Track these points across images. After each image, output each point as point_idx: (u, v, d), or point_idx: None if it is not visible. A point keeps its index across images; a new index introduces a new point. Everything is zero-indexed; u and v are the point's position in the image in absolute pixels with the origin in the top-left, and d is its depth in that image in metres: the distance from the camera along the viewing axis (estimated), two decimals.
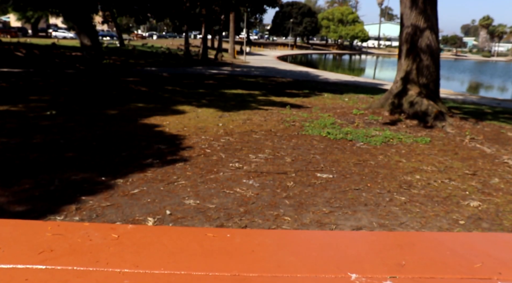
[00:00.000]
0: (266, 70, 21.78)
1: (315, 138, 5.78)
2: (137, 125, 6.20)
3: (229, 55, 31.52)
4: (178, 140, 5.32)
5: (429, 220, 3.19)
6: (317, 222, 3.05)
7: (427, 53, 7.61)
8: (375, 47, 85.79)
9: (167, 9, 14.78)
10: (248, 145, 5.23)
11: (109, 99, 8.89)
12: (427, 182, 4.07)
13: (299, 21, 64.42)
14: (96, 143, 4.96)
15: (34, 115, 6.57)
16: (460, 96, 14.15)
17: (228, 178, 3.90)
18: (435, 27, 7.65)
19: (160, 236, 1.57)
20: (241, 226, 2.94)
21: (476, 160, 5.01)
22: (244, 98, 10.15)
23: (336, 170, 4.34)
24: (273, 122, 6.88)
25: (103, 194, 3.39)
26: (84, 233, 1.52)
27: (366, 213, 3.26)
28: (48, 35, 40.99)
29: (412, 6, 7.53)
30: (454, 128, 6.72)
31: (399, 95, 7.88)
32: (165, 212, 3.10)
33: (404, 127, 6.91)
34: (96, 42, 10.77)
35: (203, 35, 26.23)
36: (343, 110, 8.40)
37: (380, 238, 1.85)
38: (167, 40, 50.01)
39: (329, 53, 66.78)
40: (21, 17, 34.08)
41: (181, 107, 8.15)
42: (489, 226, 3.15)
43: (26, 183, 3.54)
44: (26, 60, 17.49)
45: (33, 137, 5.12)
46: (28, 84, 10.77)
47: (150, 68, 19.15)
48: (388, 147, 5.48)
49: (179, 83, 12.99)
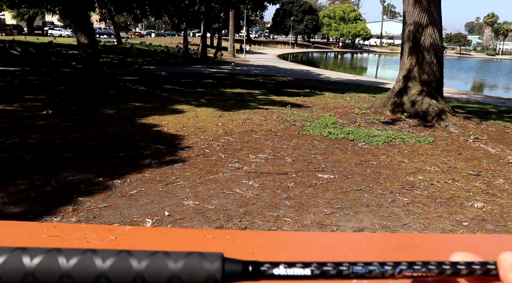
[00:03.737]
0: (266, 69, 21.72)
1: (316, 138, 5.72)
2: (135, 125, 6.14)
3: (229, 53, 31.44)
4: (176, 140, 5.26)
5: (432, 222, 3.13)
6: (318, 224, 3.00)
7: (430, 51, 7.54)
8: (377, 45, 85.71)
9: (166, 6, 14.69)
10: (248, 145, 5.17)
11: (107, 98, 8.82)
12: (430, 183, 4.02)
13: (300, 19, 64.29)
14: (93, 143, 4.89)
15: (30, 115, 6.50)
16: (464, 95, 14.11)
17: (227, 179, 3.85)
18: (438, 25, 7.58)
19: (158, 237, 1.54)
20: (241, 227, 2.88)
21: (480, 160, 4.96)
22: (244, 97, 10.08)
23: (338, 170, 4.28)
24: (273, 122, 6.82)
25: (100, 195, 3.33)
26: (81, 234, 1.49)
27: (368, 214, 3.21)
28: (44, 33, 40.82)
29: (415, 3, 7.46)
30: (457, 128, 6.66)
31: (401, 94, 7.81)
32: (164, 213, 3.05)
33: (407, 126, 6.85)
34: (93, 40, 10.68)
35: (202, 33, 26.13)
36: (345, 110, 8.34)
37: (382, 239, 1.81)
38: (166, 38, 49.90)
39: (330, 52, 66.74)
40: (17, 14, 33.90)
41: (179, 106, 8.08)
42: (494, 228, 3.09)
43: (22, 183, 3.48)
44: (21, 59, 17.39)
45: (29, 137, 5.05)
46: (23, 83, 10.69)
47: (148, 66, 19.08)
48: (391, 147, 5.43)
49: (177, 82, 12.92)
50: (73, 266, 0.27)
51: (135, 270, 0.27)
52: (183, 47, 30.35)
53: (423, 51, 7.57)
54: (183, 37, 30.45)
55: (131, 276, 0.27)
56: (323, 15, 69.49)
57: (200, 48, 26.81)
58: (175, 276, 0.27)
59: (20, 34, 34.78)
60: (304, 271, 0.29)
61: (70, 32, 39.05)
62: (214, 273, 0.27)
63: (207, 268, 0.27)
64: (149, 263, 0.27)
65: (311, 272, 0.29)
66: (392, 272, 0.29)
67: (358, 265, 0.29)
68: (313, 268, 0.29)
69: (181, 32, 35.71)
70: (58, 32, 41.86)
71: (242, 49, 34.60)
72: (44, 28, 43.63)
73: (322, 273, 0.29)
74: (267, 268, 0.29)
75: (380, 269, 0.29)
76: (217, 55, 28.57)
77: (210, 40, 33.35)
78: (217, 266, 0.28)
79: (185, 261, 0.28)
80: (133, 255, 0.28)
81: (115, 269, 0.27)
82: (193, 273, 0.27)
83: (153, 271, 0.27)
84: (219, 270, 0.27)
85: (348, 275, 0.29)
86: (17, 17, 35.81)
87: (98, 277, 0.27)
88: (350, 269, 0.29)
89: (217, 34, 30.52)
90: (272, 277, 0.28)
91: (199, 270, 0.27)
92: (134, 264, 0.27)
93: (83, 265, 0.27)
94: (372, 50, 77.59)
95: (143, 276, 0.27)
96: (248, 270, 0.28)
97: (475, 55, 77.16)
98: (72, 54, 19.65)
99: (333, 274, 0.29)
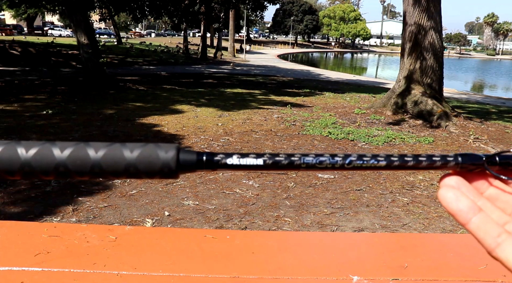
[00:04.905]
0: (267, 69, 21.72)
1: (316, 138, 5.72)
2: (135, 125, 6.14)
3: (229, 53, 31.43)
4: (177, 140, 5.26)
5: (432, 222, 3.14)
6: (318, 224, 3.00)
7: (431, 51, 7.54)
8: (377, 45, 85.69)
9: (166, 6, 14.69)
10: (248, 145, 5.17)
11: (107, 98, 8.83)
12: (430, 183, 4.02)
13: (300, 19, 64.28)
14: None
15: (30, 115, 6.50)
16: (464, 95, 14.10)
17: (227, 179, 3.85)
18: (438, 25, 7.58)
19: (158, 237, 1.55)
20: (241, 227, 2.88)
21: None
22: (244, 97, 10.08)
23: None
24: (273, 122, 6.82)
25: (100, 195, 3.33)
26: (81, 234, 1.49)
27: (368, 214, 3.21)
28: (44, 33, 40.81)
29: (415, 3, 7.46)
30: (457, 128, 6.66)
31: (401, 94, 7.81)
32: (164, 213, 3.05)
33: (407, 126, 6.86)
34: (93, 40, 10.68)
35: (202, 33, 26.12)
36: (345, 110, 8.35)
37: (382, 239, 1.81)
38: (166, 38, 49.89)
39: (330, 52, 66.71)
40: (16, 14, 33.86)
41: (179, 106, 8.08)
42: None
43: (22, 183, 3.48)
44: (21, 58, 17.38)
45: (29, 137, 5.05)
46: (23, 83, 10.69)
47: (148, 66, 19.08)
48: (391, 147, 5.43)
49: (177, 82, 12.93)
50: (32, 155, 0.28)
51: (92, 159, 0.28)
52: (183, 47, 30.35)
53: (423, 51, 7.57)
54: (183, 37, 30.45)
55: (89, 165, 0.28)
56: (323, 15, 69.46)
57: (200, 48, 26.79)
58: (131, 164, 0.28)
59: (20, 34, 34.76)
60: (257, 161, 0.29)
61: (70, 32, 39.03)
62: (168, 162, 0.28)
63: (162, 157, 0.28)
64: (106, 152, 0.28)
65: (264, 162, 0.29)
66: (342, 163, 0.30)
67: (310, 156, 0.30)
68: (266, 158, 0.29)
69: (181, 32, 35.72)
70: (58, 32, 41.85)
71: (242, 49, 34.59)
72: (44, 28, 43.62)
73: (274, 163, 0.29)
74: (221, 158, 0.29)
75: (331, 160, 0.30)
76: (217, 55, 28.56)
77: (210, 40, 33.34)
78: (171, 155, 0.28)
79: (141, 151, 0.28)
80: (91, 146, 0.29)
81: (73, 159, 0.28)
82: (149, 162, 0.28)
83: (110, 160, 0.28)
84: (173, 159, 0.28)
85: (300, 166, 0.29)
86: (16, 17, 35.77)
87: (57, 166, 0.28)
88: (302, 160, 0.29)
89: (217, 34, 30.53)
90: (225, 166, 0.29)
91: (154, 159, 0.28)
92: (92, 153, 0.28)
93: (42, 154, 0.28)
94: (372, 50, 77.57)
95: (100, 165, 0.28)
96: (202, 160, 0.29)
97: (475, 55, 77.09)
98: (72, 54, 19.65)
99: (285, 164, 0.29)
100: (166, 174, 0.28)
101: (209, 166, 0.29)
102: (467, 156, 0.30)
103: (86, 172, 0.28)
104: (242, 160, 0.29)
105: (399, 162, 0.30)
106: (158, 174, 0.28)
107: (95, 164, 0.28)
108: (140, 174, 0.28)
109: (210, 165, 0.29)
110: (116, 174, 0.28)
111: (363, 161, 0.30)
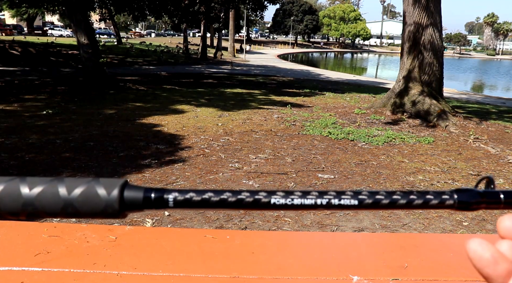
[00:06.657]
0: (266, 69, 21.72)
1: (316, 138, 5.72)
2: (135, 125, 6.14)
3: (229, 53, 31.43)
4: (176, 140, 5.26)
5: (432, 222, 3.13)
6: (318, 224, 3.00)
7: (430, 51, 7.54)
8: (377, 45, 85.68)
9: (166, 6, 14.69)
10: (248, 145, 5.17)
11: (107, 98, 8.82)
12: (430, 183, 4.02)
13: (300, 19, 64.27)
14: (93, 143, 4.89)
15: (30, 115, 6.50)
16: (464, 95, 14.10)
17: (227, 179, 3.85)
18: (438, 25, 7.58)
19: (158, 237, 1.55)
20: (241, 227, 2.88)
21: (480, 160, 4.96)
22: (244, 97, 10.08)
23: (338, 170, 4.28)
24: (273, 122, 6.82)
25: None
26: (81, 234, 1.49)
27: (368, 214, 3.21)
28: (44, 33, 40.80)
29: (415, 3, 7.46)
30: (457, 128, 6.65)
31: (401, 94, 7.81)
32: (164, 213, 3.05)
33: (407, 126, 6.85)
34: (93, 40, 10.68)
35: (202, 33, 26.13)
36: (345, 110, 8.34)
37: (382, 239, 1.81)
38: (166, 39, 49.88)
39: (330, 52, 66.70)
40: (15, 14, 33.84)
41: (179, 106, 8.08)
42: (493, 228, 3.09)
43: None
44: (21, 59, 17.38)
45: (29, 137, 5.05)
46: (23, 83, 10.69)
47: (148, 66, 19.08)
48: (391, 147, 5.43)
49: (177, 82, 12.92)
50: None
51: (24, 197, 0.25)
52: (183, 47, 30.35)
53: (423, 51, 7.57)
54: (183, 37, 30.46)
55: (20, 203, 0.25)
56: (323, 15, 69.44)
57: (200, 48, 26.80)
58: (68, 204, 0.25)
59: (20, 34, 34.73)
60: (216, 198, 0.27)
61: (70, 32, 39.00)
62: (112, 202, 0.26)
63: (103, 196, 0.26)
64: (43, 190, 0.25)
65: (223, 201, 0.27)
66: (319, 203, 0.28)
67: (277, 193, 0.27)
68: (225, 197, 0.27)
69: (181, 32, 35.71)
70: (58, 32, 41.82)
71: (242, 49, 34.58)
72: (44, 28, 43.61)
73: (237, 201, 0.27)
74: (173, 196, 0.27)
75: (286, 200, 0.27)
76: (217, 55, 28.56)
77: (210, 40, 33.33)
78: (115, 194, 0.26)
79: (82, 189, 0.26)
80: (25, 182, 0.26)
81: (3, 196, 0.25)
82: (90, 201, 0.25)
83: (44, 199, 0.25)
84: (116, 199, 0.26)
85: (265, 204, 0.27)
86: (16, 17, 35.76)
87: None
88: (267, 198, 0.27)
89: (217, 34, 30.52)
90: (178, 205, 0.27)
91: (94, 197, 0.25)
92: (24, 191, 0.25)
93: None
94: (372, 50, 77.54)
95: (33, 204, 0.25)
96: (150, 198, 0.26)
97: (475, 55, 77.05)
98: (72, 54, 19.65)
99: (249, 202, 0.27)
100: (110, 214, 0.26)
101: (159, 205, 0.26)
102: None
103: (18, 211, 0.25)
104: (196, 198, 0.26)
105: (371, 200, 0.28)
106: (100, 214, 0.26)
107: (27, 203, 0.25)
108: (80, 214, 0.26)
109: (160, 204, 0.26)
110: (53, 214, 0.26)
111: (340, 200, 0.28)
